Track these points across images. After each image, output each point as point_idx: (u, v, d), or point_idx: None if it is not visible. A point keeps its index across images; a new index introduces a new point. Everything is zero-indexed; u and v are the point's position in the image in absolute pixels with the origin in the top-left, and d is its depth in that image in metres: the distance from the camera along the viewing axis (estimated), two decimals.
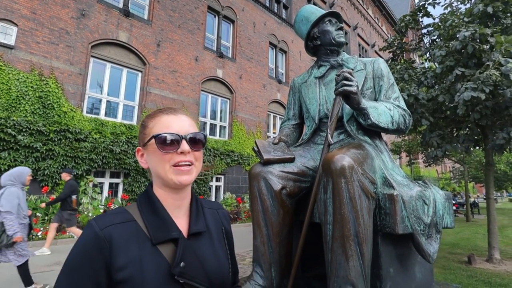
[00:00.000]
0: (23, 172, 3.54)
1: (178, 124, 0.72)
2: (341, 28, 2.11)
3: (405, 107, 1.87)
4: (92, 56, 8.94)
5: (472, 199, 18.82)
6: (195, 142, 0.72)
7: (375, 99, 1.93)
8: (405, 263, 1.56)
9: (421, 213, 1.45)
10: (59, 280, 0.61)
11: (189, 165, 0.70)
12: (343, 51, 2.14)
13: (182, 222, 0.72)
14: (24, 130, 7.15)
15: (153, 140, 0.69)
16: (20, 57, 7.48)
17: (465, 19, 4.49)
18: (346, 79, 1.59)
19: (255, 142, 1.80)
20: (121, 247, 0.62)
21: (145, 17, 10.41)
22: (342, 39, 2.07)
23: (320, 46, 2.11)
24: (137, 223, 0.66)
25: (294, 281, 1.59)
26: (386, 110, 1.74)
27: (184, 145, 0.69)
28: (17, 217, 3.31)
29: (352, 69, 1.97)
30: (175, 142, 0.69)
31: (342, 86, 1.59)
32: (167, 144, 0.68)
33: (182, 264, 0.64)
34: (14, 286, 3.66)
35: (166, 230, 0.67)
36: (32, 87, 7.52)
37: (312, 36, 2.12)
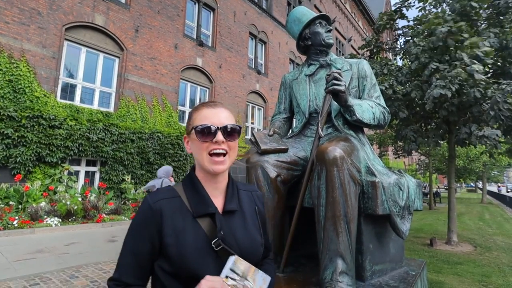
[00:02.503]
0: (170, 169, 5.09)
1: (216, 116, 0.81)
2: (330, 31, 2.29)
3: (384, 105, 2.10)
4: (66, 39, 8.56)
5: (434, 189, 20.26)
6: (230, 133, 0.80)
7: (359, 97, 2.15)
8: (381, 240, 1.82)
9: (397, 197, 1.71)
10: (126, 240, 0.79)
11: (224, 154, 0.80)
12: (336, 47, 2.34)
13: (218, 201, 0.84)
14: None
15: (193, 131, 0.81)
16: None
17: (447, 17, 4.80)
18: (336, 79, 1.78)
19: (253, 134, 1.97)
20: (168, 218, 0.76)
21: (123, 0, 10.05)
22: (331, 41, 2.26)
23: (311, 46, 2.28)
24: (181, 199, 0.80)
25: (287, 258, 1.80)
26: (369, 107, 1.96)
27: (219, 136, 0.78)
28: None
29: (340, 69, 2.17)
30: (211, 132, 0.78)
31: (332, 85, 1.78)
32: (204, 134, 0.79)
33: (222, 232, 0.77)
34: None
35: (204, 206, 0.79)
36: (1, 70, 7.13)
37: (303, 37, 2.29)
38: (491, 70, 5.21)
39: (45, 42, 7.99)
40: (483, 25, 5.11)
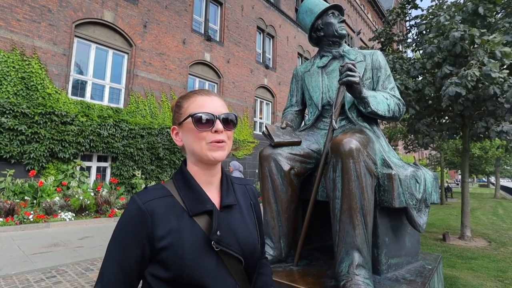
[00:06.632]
0: (239, 165, 6.38)
1: (212, 104, 0.76)
2: (343, 21, 2.25)
3: (399, 97, 2.06)
4: (76, 36, 8.64)
5: (446, 184, 19.94)
6: (227, 122, 0.77)
7: (373, 89, 2.10)
8: (397, 233, 1.79)
9: (414, 190, 1.67)
10: (110, 246, 0.70)
11: (223, 142, 0.75)
12: (345, 40, 2.30)
13: (214, 196, 0.78)
14: (7, 112, 6.94)
15: (189, 119, 0.74)
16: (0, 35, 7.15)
17: (457, 17, 4.69)
18: (350, 70, 1.75)
19: (266, 127, 1.96)
20: (161, 219, 0.69)
21: None
22: (344, 32, 2.22)
23: (323, 37, 2.24)
24: (174, 198, 0.73)
25: (300, 251, 1.79)
26: (383, 99, 1.92)
27: (218, 124, 0.74)
28: None
29: (353, 60, 2.13)
30: (210, 121, 0.74)
31: (346, 76, 1.74)
32: (202, 123, 0.73)
33: (218, 232, 0.70)
34: None
35: (201, 203, 0.73)
36: (14, 67, 7.25)
37: (316, 28, 2.25)
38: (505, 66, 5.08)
39: (55, 39, 8.08)
40: (499, 15, 4.96)
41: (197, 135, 0.74)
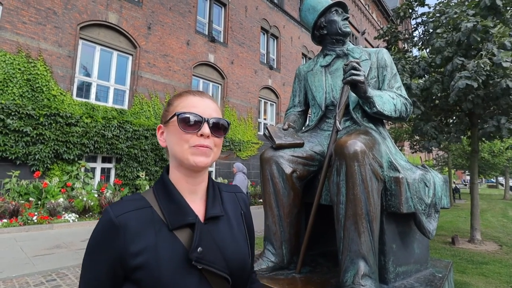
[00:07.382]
0: (243, 166, 6.44)
1: (203, 106, 0.70)
2: (347, 18, 2.17)
3: (406, 96, 1.97)
4: (81, 38, 8.67)
5: (453, 185, 19.63)
6: (217, 127, 0.70)
7: (379, 88, 2.02)
8: (405, 240, 1.70)
9: (423, 194, 1.58)
10: (84, 264, 0.64)
11: (208, 148, 0.69)
12: (350, 40, 2.22)
13: (198, 207, 0.71)
14: (13, 113, 6.98)
15: (175, 118, 0.68)
16: (6, 38, 7.20)
17: (470, 11, 4.56)
18: (355, 68, 1.67)
19: (267, 128, 1.89)
20: (136, 234, 0.62)
21: None
22: (348, 29, 2.14)
23: (326, 36, 2.16)
24: (153, 209, 0.66)
25: (303, 258, 1.72)
26: (390, 99, 1.84)
27: (205, 128, 0.67)
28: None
29: (358, 59, 2.05)
30: (197, 123, 0.67)
31: (350, 75, 1.67)
32: (188, 124, 0.67)
33: (199, 249, 0.63)
34: None
35: (182, 215, 0.66)
36: (19, 69, 7.29)
37: (319, 26, 2.17)
38: None
39: (61, 41, 8.12)
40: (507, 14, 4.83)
41: (181, 137, 0.67)
